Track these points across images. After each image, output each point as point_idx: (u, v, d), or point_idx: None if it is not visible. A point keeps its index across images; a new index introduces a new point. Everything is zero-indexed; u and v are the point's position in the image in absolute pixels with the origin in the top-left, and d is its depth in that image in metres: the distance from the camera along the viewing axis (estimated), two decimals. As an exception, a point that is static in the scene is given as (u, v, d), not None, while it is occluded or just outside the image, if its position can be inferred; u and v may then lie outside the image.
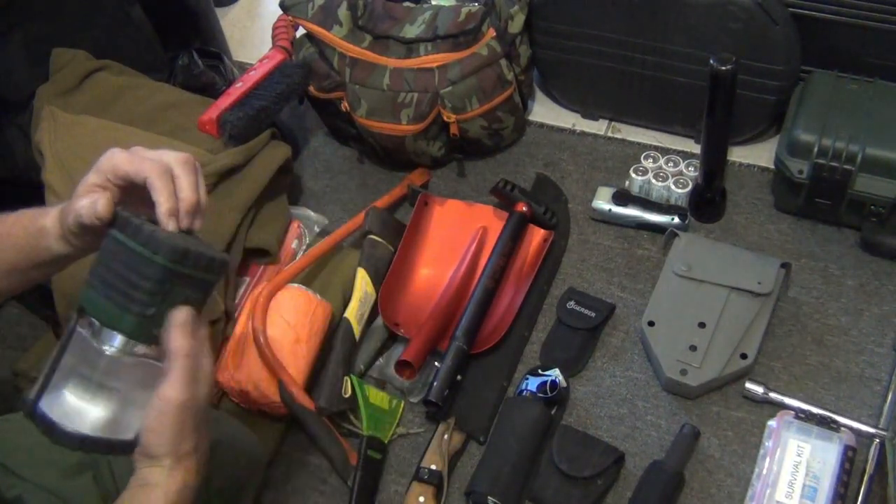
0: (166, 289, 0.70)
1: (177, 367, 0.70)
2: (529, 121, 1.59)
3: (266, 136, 1.38)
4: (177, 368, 0.70)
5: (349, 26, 1.43)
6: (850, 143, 1.23)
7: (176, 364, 0.70)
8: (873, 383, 1.17)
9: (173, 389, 0.69)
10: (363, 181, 1.55)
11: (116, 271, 0.70)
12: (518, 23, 1.42)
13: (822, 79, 1.32)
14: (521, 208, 1.37)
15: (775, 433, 1.10)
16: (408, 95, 1.39)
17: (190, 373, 0.70)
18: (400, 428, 1.22)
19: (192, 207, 0.76)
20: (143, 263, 0.69)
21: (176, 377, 0.70)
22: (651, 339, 1.21)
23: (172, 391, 0.69)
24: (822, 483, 1.04)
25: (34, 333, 1.40)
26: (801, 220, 1.36)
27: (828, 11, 1.31)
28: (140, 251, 0.69)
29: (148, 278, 0.69)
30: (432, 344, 1.23)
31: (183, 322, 0.70)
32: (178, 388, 0.69)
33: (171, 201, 0.74)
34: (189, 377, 0.70)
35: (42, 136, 1.31)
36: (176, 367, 0.70)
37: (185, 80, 1.53)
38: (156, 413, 0.69)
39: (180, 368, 0.70)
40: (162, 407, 0.69)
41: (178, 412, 0.70)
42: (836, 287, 1.28)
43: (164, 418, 0.69)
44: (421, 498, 1.11)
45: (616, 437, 1.17)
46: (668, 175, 1.41)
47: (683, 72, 1.40)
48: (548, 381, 1.17)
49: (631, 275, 1.34)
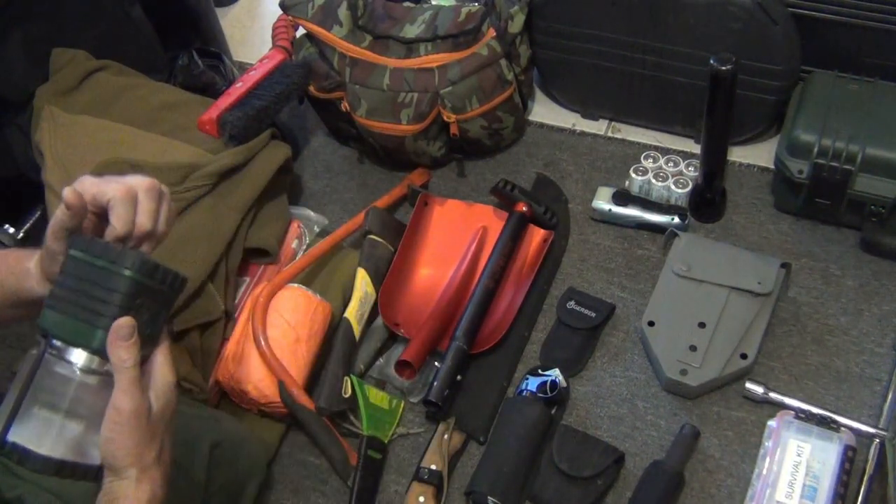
0: (136, 303, 0.70)
1: (122, 378, 0.69)
2: (529, 121, 1.59)
3: (266, 136, 1.38)
4: (122, 379, 0.69)
5: (349, 26, 1.43)
6: (850, 143, 1.23)
7: (120, 375, 0.70)
8: (873, 383, 1.17)
9: (122, 399, 0.69)
10: (363, 181, 1.55)
11: (82, 290, 0.70)
12: (518, 23, 1.42)
13: (822, 79, 1.32)
14: (521, 208, 1.37)
15: (775, 433, 1.10)
16: (408, 95, 1.39)
17: (135, 382, 0.70)
18: (400, 428, 1.22)
19: (143, 235, 0.77)
20: (111, 278, 0.70)
21: (123, 387, 0.69)
22: (651, 339, 1.21)
23: (122, 401, 0.69)
24: (822, 483, 1.04)
25: (34, 333, 1.40)
26: (801, 220, 1.36)
27: (828, 11, 1.31)
28: (108, 267, 0.70)
29: (117, 292, 0.70)
30: (432, 344, 1.23)
31: (123, 334, 0.70)
32: (127, 398, 0.69)
33: (125, 227, 0.75)
34: (135, 387, 0.70)
35: (42, 136, 1.31)
36: (121, 378, 0.69)
37: (185, 80, 1.53)
38: (110, 423, 0.69)
39: (126, 379, 0.69)
40: (114, 416, 0.69)
41: (131, 420, 0.69)
42: (836, 287, 1.28)
43: (118, 427, 0.69)
44: (421, 498, 1.11)
45: (616, 437, 1.17)
46: (668, 175, 1.41)
47: (683, 72, 1.40)
48: (548, 381, 1.17)
49: (631, 275, 1.34)
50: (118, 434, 0.69)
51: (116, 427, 0.69)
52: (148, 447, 0.71)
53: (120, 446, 0.70)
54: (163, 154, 1.30)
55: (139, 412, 0.70)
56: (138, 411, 0.70)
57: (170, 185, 1.23)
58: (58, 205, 0.77)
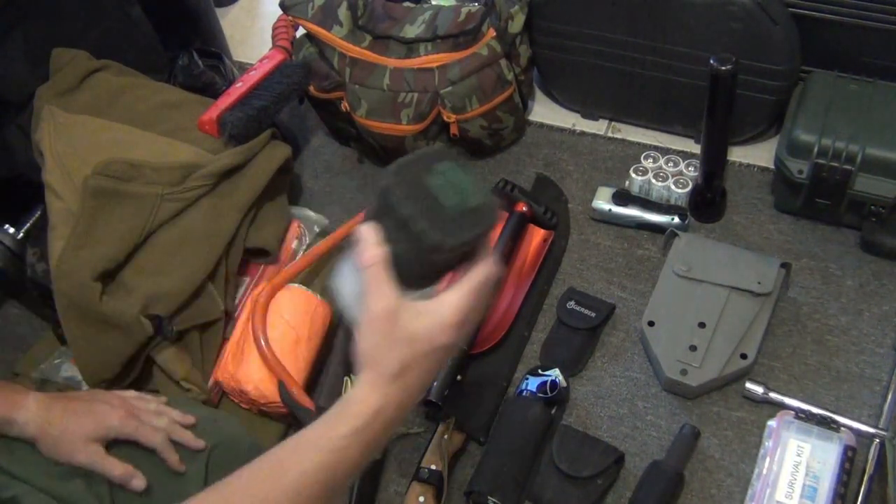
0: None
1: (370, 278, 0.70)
2: (529, 121, 1.59)
3: (266, 136, 1.38)
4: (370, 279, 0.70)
5: (349, 26, 1.43)
6: (850, 143, 1.23)
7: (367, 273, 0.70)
8: (873, 383, 1.17)
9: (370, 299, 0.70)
10: (363, 181, 1.55)
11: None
12: (518, 23, 1.42)
13: (822, 79, 1.32)
14: (521, 208, 1.37)
15: (775, 433, 1.10)
16: (408, 95, 1.39)
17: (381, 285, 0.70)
18: (400, 428, 1.22)
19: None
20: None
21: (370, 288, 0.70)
22: (651, 339, 1.21)
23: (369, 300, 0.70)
24: (822, 483, 1.04)
25: (34, 333, 1.40)
26: (801, 220, 1.36)
27: (828, 11, 1.31)
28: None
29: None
30: (432, 344, 1.23)
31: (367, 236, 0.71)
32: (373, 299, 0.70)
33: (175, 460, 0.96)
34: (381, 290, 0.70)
35: (42, 136, 1.31)
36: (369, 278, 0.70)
37: (185, 80, 1.53)
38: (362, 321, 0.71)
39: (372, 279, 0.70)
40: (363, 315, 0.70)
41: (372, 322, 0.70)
42: (836, 287, 1.28)
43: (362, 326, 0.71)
44: (421, 498, 1.11)
45: (616, 437, 1.17)
46: (668, 175, 1.41)
47: (683, 72, 1.40)
48: (548, 381, 1.17)
49: (631, 275, 1.34)
50: (360, 332, 0.71)
51: (361, 325, 0.71)
52: (385, 356, 0.70)
53: (360, 344, 0.71)
54: (163, 154, 1.30)
55: (381, 317, 0.69)
56: (381, 316, 0.69)
57: (170, 185, 1.25)
58: (58, 205, 0.77)
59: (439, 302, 0.71)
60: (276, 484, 0.67)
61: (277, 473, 0.67)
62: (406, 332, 0.70)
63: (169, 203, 1.25)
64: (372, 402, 0.69)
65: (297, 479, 0.67)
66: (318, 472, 0.67)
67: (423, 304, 0.70)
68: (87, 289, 1.15)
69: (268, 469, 0.68)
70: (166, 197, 1.25)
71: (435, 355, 0.71)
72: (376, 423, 0.69)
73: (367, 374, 0.70)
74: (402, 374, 0.70)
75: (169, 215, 1.25)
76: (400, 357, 0.69)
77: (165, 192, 1.25)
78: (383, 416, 0.70)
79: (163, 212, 1.24)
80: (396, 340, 0.70)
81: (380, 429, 0.70)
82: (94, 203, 1.21)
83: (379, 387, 0.70)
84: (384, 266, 0.70)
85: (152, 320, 1.17)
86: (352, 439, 0.68)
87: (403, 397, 0.71)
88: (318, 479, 0.67)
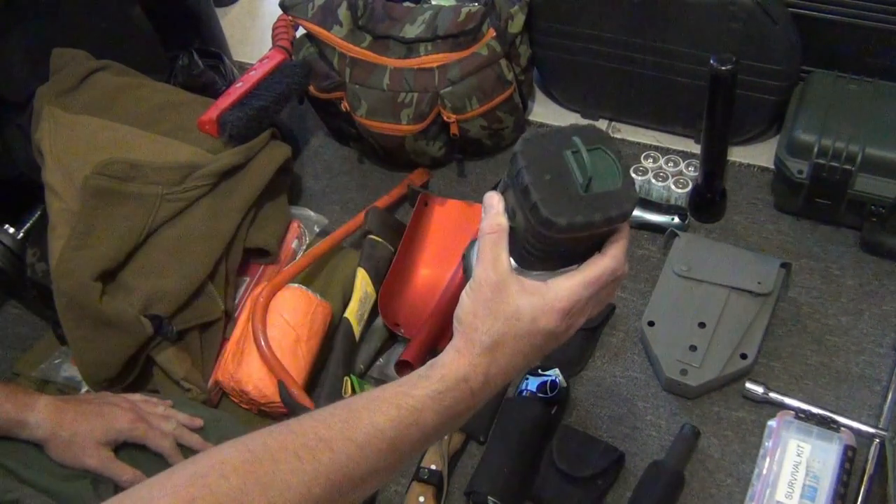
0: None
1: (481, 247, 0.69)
2: (529, 121, 1.59)
3: (266, 136, 1.38)
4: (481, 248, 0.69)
5: (349, 26, 1.43)
6: (850, 143, 1.23)
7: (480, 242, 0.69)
8: (873, 383, 1.17)
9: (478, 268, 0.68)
10: (363, 181, 1.55)
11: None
12: (518, 23, 1.42)
13: (822, 79, 1.32)
14: (521, 208, 1.37)
15: (775, 433, 1.10)
16: (408, 95, 1.39)
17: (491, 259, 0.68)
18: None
19: None
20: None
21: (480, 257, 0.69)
22: (651, 339, 1.21)
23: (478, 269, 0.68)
24: (822, 483, 1.04)
25: (34, 333, 1.40)
26: (801, 220, 1.36)
27: (828, 11, 1.31)
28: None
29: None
30: (432, 344, 1.23)
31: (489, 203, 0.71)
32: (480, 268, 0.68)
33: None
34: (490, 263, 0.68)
35: (42, 136, 1.31)
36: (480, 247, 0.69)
37: (185, 80, 1.53)
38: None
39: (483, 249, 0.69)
40: (471, 281, 0.69)
41: (473, 287, 0.68)
42: (836, 287, 1.28)
43: (465, 290, 0.69)
44: (421, 498, 1.11)
45: (616, 437, 1.17)
46: (668, 175, 1.41)
47: (683, 72, 1.40)
48: (548, 381, 1.17)
49: (631, 275, 1.34)
50: (462, 297, 0.69)
51: (465, 291, 0.69)
52: (481, 326, 0.67)
53: (459, 308, 0.69)
54: (163, 154, 1.30)
55: (486, 286, 0.67)
56: (485, 285, 0.67)
57: (170, 184, 1.25)
58: (58, 205, 0.78)
59: (549, 285, 0.68)
60: (344, 430, 0.64)
61: (348, 420, 0.65)
62: (508, 306, 0.67)
63: (169, 203, 1.25)
64: (456, 369, 0.67)
65: (367, 430, 0.64)
66: (388, 427, 0.65)
67: (533, 284, 0.68)
68: (87, 289, 1.15)
69: (340, 414, 0.65)
70: (166, 197, 1.25)
71: (533, 338, 0.68)
72: (457, 391, 0.67)
73: (459, 340, 0.68)
74: (494, 347, 0.67)
75: (169, 215, 1.25)
76: (496, 330, 0.67)
77: (165, 192, 1.25)
78: (466, 387, 0.67)
79: (163, 212, 1.24)
80: (495, 313, 0.67)
81: (461, 399, 0.67)
82: (94, 203, 1.21)
83: (467, 355, 0.68)
84: (501, 237, 0.68)
85: (152, 320, 1.17)
86: (428, 402, 0.66)
87: (491, 372, 0.68)
88: (387, 436, 0.65)
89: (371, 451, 0.64)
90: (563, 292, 0.67)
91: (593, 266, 0.68)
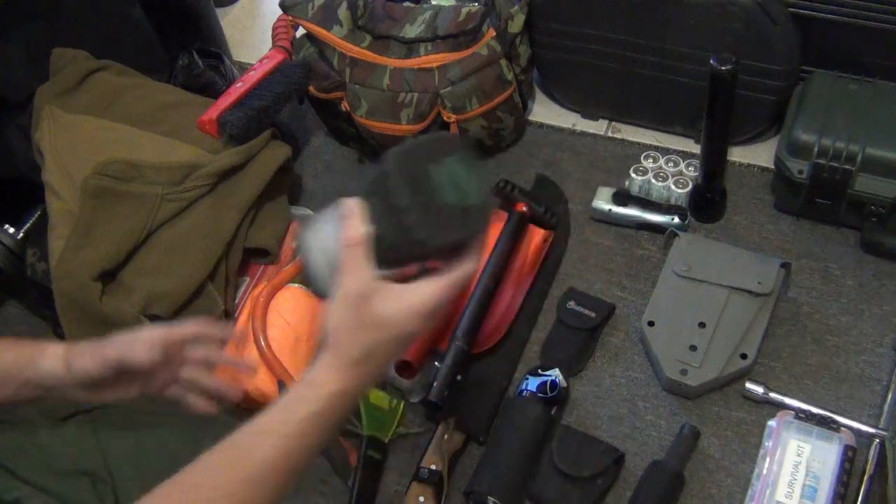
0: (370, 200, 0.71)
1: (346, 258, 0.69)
2: (529, 121, 1.59)
3: (266, 136, 1.38)
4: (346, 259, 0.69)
5: (349, 26, 1.43)
6: (850, 143, 1.23)
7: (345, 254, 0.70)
8: (873, 383, 1.17)
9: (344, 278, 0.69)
10: (363, 181, 1.54)
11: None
12: (518, 23, 1.42)
13: (822, 79, 1.32)
14: (521, 208, 1.37)
15: (775, 433, 1.10)
16: (408, 95, 1.39)
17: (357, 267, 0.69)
18: (400, 428, 1.22)
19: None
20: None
21: (346, 267, 0.69)
22: (651, 339, 1.21)
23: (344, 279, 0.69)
24: (822, 483, 1.04)
25: (34, 333, 1.40)
26: (801, 220, 1.36)
27: (828, 11, 1.30)
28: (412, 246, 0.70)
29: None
30: (432, 344, 1.23)
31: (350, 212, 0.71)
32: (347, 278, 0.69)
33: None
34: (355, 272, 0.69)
35: (42, 136, 1.31)
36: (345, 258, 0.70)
37: (185, 80, 1.53)
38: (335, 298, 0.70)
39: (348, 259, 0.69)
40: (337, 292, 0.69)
41: (340, 300, 0.69)
42: (836, 287, 1.28)
43: (332, 304, 0.69)
44: (421, 498, 1.11)
45: (616, 437, 1.17)
46: (668, 175, 1.41)
47: (683, 72, 1.40)
48: (548, 381, 1.17)
49: (631, 275, 1.34)
50: (330, 309, 0.70)
51: (333, 303, 0.70)
52: (351, 340, 0.69)
53: (328, 322, 0.70)
54: (163, 154, 1.30)
55: (354, 299, 0.68)
56: (353, 297, 0.68)
57: (170, 184, 1.25)
58: (58, 205, 0.77)
59: (414, 290, 0.69)
60: (236, 473, 0.66)
61: (238, 462, 0.66)
62: (376, 317, 0.68)
63: (169, 203, 1.25)
64: (332, 386, 0.69)
65: (259, 468, 0.66)
66: (278, 458, 0.67)
67: (398, 290, 0.69)
68: (87, 289, 1.15)
69: (228, 458, 0.67)
70: (166, 197, 1.25)
71: (398, 342, 0.70)
72: (335, 407, 0.69)
73: (329, 356, 0.70)
74: (365, 359, 0.69)
75: (169, 215, 1.25)
76: (365, 341, 0.69)
77: (165, 192, 1.25)
78: (342, 401, 0.69)
79: (163, 212, 1.24)
80: (365, 325, 0.69)
81: (338, 412, 0.69)
82: (94, 203, 1.21)
83: (339, 370, 0.69)
84: (364, 247, 0.69)
85: (152, 320, 1.17)
86: (310, 423, 0.68)
87: (362, 382, 0.70)
88: (278, 466, 0.67)
89: (265, 484, 0.66)
90: (427, 296, 0.69)
91: (458, 270, 0.70)
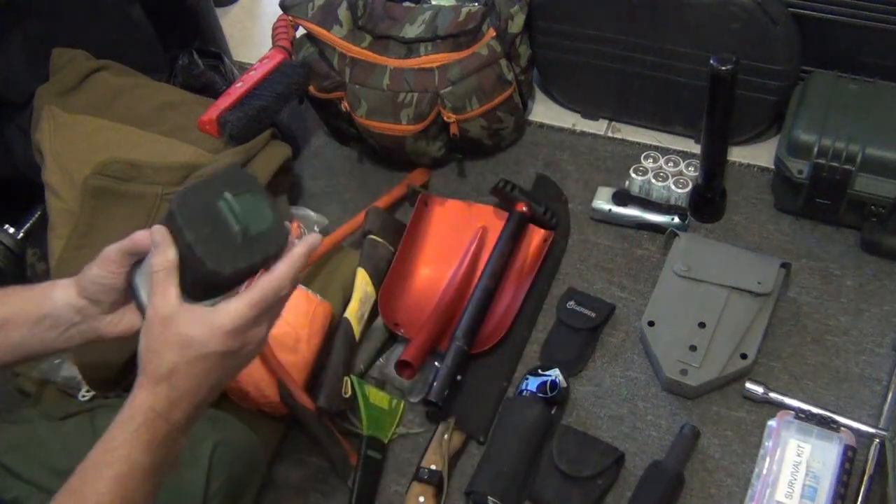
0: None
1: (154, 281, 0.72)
2: (529, 121, 1.59)
3: (266, 136, 1.38)
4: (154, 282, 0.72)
5: (349, 26, 1.43)
6: (850, 143, 1.23)
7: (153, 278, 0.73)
8: (873, 383, 1.17)
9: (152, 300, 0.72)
10: (363, 181, 1.55)
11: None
12: (518, 23, 1.42)
13: (822, 79, 1.32)
14: (521, 208, 1.37)
15: (775, 433, 1.10)
16: (408, 95, 1.39)
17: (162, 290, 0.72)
18: (400, 428, 1.22)
19: None
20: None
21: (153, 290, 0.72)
22: (651, 339, 1.21)
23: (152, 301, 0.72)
24: (822, 483, 1.04)
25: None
26: (801, 220, 1.36)
27: (828, 11, 1.30)
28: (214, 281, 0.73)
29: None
30: (432, 344, 1.23)
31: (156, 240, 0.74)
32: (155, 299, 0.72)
33: None
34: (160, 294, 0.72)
35: (42, 136, 1.31)
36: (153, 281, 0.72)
37: (185, 80, 1.53)
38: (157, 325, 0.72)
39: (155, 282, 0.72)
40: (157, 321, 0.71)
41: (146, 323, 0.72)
42: (836, 287, 1.28)
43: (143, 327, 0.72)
44: (421, 498, 1.11)
45: (616, 437, 1.17)
46: (668, 175, 1.41)
47: (683, 72, 1.40)
48: (548, 381, 1.17)
49: (631, 275, 1.34)
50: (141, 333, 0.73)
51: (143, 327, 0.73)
52: (155, 358, 0.71)
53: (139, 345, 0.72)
54: (163, 154, 1.30)
55: (157, 321, 0.71)
56: (157, 320, 0.71)
57: (170, 185, 1.25)
58: (58, 205, 0.78)
59: (217, 310, 0.72)
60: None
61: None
62: (178, 336, 0.71)
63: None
64: (141, 402, 0.71)
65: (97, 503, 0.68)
66: (113, 488, 0.68)
67: (201, 312, 0.72)
68: (87, 289, 1.14)
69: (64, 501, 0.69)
70: (166, 197, 1.25)
71: (208, 361, 0.72)
72: (150, 422, 0.70)
73: (140, 375, 0.72)
74: (170, 375, 0.71)
75: (169, 215, 1.25)
76: (168, 360, 0.71)
77: (165, 191, 1.25)
78: (156, 415, 0.71)
79: (162, 212, 1.24)
80: (168, 344, 0.71)
81: (158, 428, 0.71)
82: (94, 203, 1.21)
83: (147, 386, 0.71)
84: (170, 272, 0.72)
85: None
86: (132, 442, 0.70)
87: (174, 396, 0.71)
88: (116, 495, 0.68)
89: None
90: (228, 316, 0.71)
91: (258, 288, 0.73)
